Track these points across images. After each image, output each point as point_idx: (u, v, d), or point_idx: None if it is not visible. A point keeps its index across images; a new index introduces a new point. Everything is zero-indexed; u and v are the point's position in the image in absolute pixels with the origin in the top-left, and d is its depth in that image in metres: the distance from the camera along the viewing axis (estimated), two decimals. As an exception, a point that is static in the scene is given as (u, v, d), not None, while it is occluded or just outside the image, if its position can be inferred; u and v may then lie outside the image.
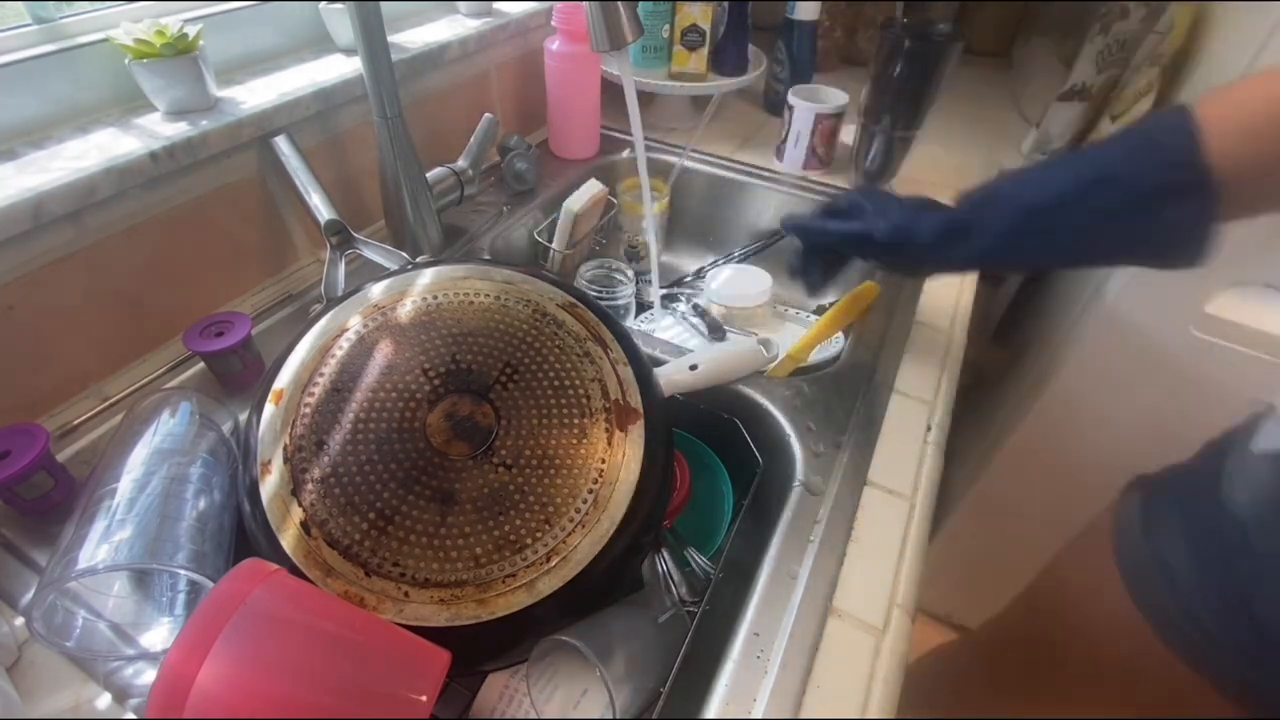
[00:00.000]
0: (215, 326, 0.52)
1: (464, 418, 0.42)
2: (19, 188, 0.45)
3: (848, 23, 1.15)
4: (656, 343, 0.62)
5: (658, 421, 0.45)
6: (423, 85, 0.74)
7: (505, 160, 0.80)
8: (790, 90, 0.84)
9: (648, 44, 0.91)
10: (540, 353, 0.45)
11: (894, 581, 0.43)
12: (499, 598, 0.38)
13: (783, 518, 0.46)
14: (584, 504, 0.41)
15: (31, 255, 0.47)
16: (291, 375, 0.42)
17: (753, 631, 0.40)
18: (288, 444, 0.40)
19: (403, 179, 0.64)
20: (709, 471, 0.61)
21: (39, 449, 0.42)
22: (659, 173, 0.86)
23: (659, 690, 0.42)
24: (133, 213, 0.52)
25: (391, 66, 0.58)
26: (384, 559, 0.37)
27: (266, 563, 0.35)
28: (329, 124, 0.65)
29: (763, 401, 0.55)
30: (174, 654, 0.29)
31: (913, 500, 0.48)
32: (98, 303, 0.52)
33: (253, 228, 0.62)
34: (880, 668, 0.39)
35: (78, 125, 0.53)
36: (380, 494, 0.39)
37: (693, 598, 0.48)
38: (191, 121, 0.55)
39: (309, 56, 0.68)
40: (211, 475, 0.42)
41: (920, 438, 0.52)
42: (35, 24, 0.53)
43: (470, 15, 0.82)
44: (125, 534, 0.35)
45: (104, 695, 0.37)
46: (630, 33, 0.58)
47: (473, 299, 0.47)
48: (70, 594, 0.38)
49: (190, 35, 0.54)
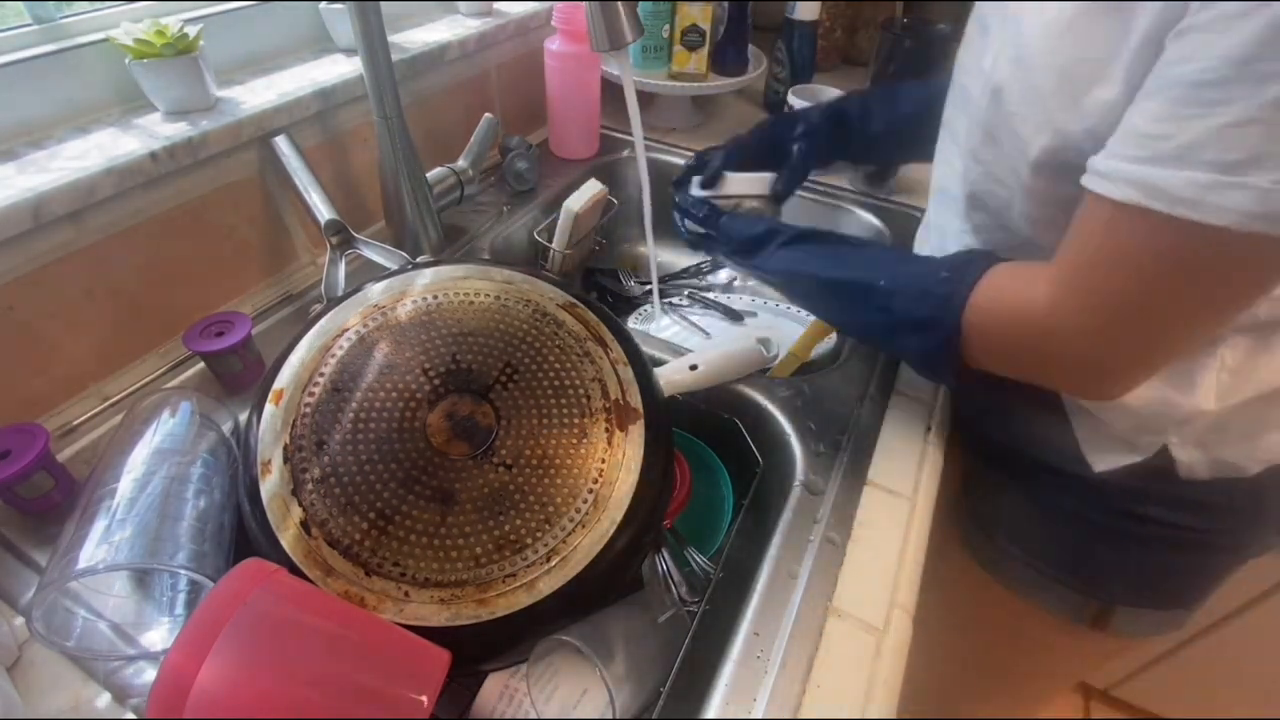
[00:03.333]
0: (215, 326, 0.52)
1: (464, 418, 0.42)
2: (19, 188, 0.45)
3: (848, 23, 1.15)
4: (656, 343, 0.62)
5: (658, 421, 0.45)
6: (423, 85, 0.74)
7: (505, 160, 0.80)
8: (790, 90, 0.84)
9: (648, 44, 0.91)
10: (540, 353, 0.45)
11: (894, 581, 0.43)
12: (499, 598, 0.38)
13: (783, 518, 0.46)
14: (584, 504, 0.41)
15: (31, 255, 0.47)
16: (291, 375, 0.42)
17: (753, 631, 0.40)
18: (288, 444, 0.40)
19: (403, 179, 0.64)
20: (709, 471, 0.61)
21: (39, 449, 0.42)
22: (660, 174, 0.86)
23: (659, 690, 0.42)
24: (133, 213, 0.52)
25: (391, 66, 0.58)
26: (384, 559, 0.37)
27: (266, 563, 0.35)
28: (329, 124, 0.65)
29: (763, 401, 0.55)
30: (174, 654, 0.29)
31: (913, 500, 0.48)
32: (98, 303, 0.52)
33: (253, 228, 0.62)
34: (880, 668, 0.39)
35: (78, 125, 0.53)
36: (380, 494, 0.39)
37: (693, 598, 0.48)
38: (191, 121, 0.55)
39: (309, 56, 0.68)
40: (211, 475, 0.42)
41: (920, 438, 0.52)
42: (35, 24, 0.53)
43: (470, 15, 0.82)
44: (125, 534, 0.35)
45: (104, 695, 0.37)
46: (630, 33, 0.58)
47: (473, 299, 0.47)
48: (70, 594, 0.38)
49: (190, 35, 0.54)
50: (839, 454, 0.50)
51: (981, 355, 0.41)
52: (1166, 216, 0.30)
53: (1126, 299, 0.34)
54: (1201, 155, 0.28)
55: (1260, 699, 1.05)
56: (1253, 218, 0.28)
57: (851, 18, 1.15)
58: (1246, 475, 0.43)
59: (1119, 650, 0.59)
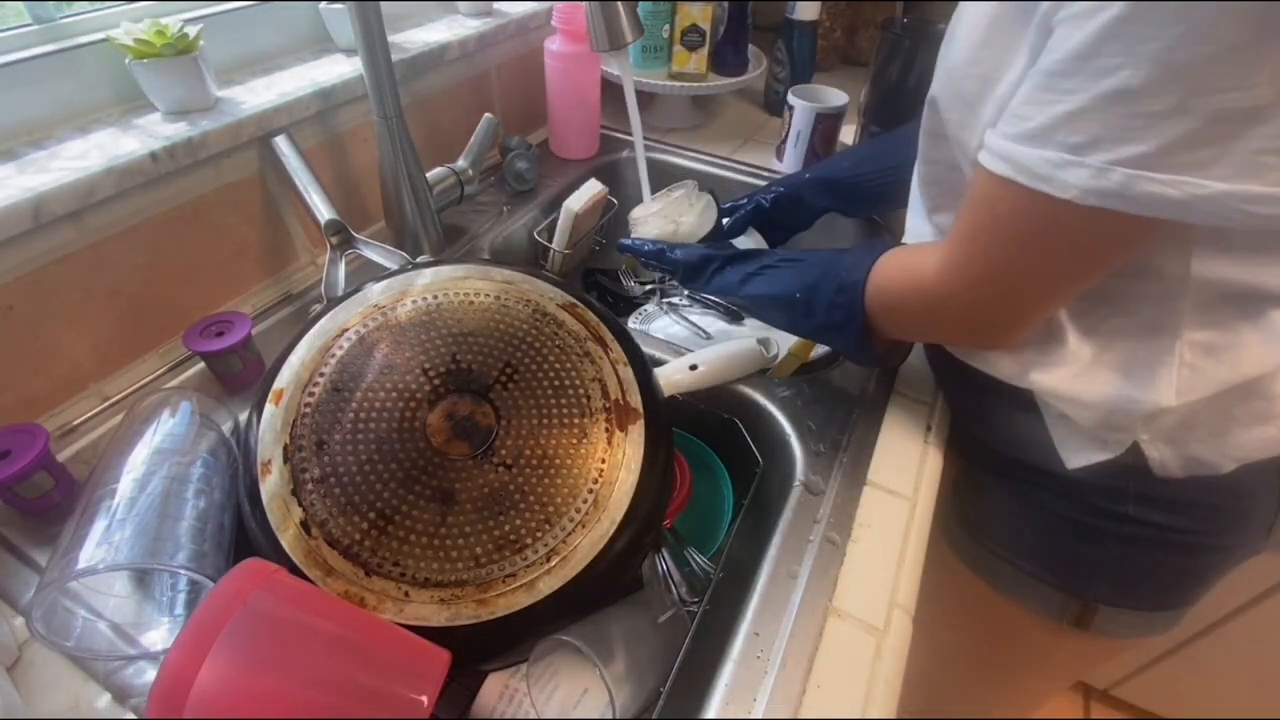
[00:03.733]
0: (215, 326, 0.52)
1: (464, 418, 0.42)
2: (19, 188, 0.45)
3: (848, 23, 1.15)
4: (656, 343, 0.62)
5: (658, 421, 0.45)
6: (423, 85, 0.74)
7: (505, 160, 0.80)
8: (790, 90, 0.84)
9: (648, 44, 0.91)
10: (540, 353, 0.45)
11: (894, 581, 0.43)
12: (499, 598, 0.38)
13: (783, 518, 0.46)
14: (584, 504, 0.41)
15: (32, 255, 0.47)
16: (291, 375, 0.42)
17: (753, 631, 0.40)
18: (288, 444, 0.40)
19: (403, 179, 0.64)
20: (709, 471, 0.61)
21: (39, 449, 0.42)
22: (659, 173, 0.86)
23: (659, 690, 0.42)
24: (133, 213, 0.52)
25: (391, 66, 0.58)
26: (384, 559, 0.37)
27: (267, 563, 0.35)
28: (329, 124, 0.65)
29: (763, 401, 0.55)
30: (174, 654, 0.29)
31: (913, 500, 0.48)
32: (98, 303, 0.52)
33: (253, 228, 0.62)
34: (881, 668, 0.39)
35: (78, 125, 0.53)
36: (380, 494, 0.39)
37: (693, 598, 0.48)
38: (191, 121, 0.55)
39: (309, 56, 0.68)
40: (211, 475, 0.42)
41: (920, 438, 0.52)
42: (35, 24, 0.53)
43: (470, 15, 0.82)
44: (125, 534, 0.35)
45: (104, 695, 0.37)
46: (630, 33, 0.58)
47: (473, 299, 0.47)
48: (70, 594, 0.38)
49: (190, 35, 0.54)
50: (839, 454, 0.50)
51: (887, 328, 0.46)
52: (1029, 190, 0.33)
53: (999, 265, 0.38)
54: (1054, 136, 0.32)
55: (1260, 699, 1.05)
56: (1089, 193, 0.31)
57: (851, 18, 1.15)
58: (1221, 473, 0.43)
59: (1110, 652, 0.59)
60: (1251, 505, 0.46)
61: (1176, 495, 0.45)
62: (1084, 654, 0.61)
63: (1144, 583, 0.51)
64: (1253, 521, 0.47)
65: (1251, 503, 0.46)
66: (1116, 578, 0.51)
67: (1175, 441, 0.42)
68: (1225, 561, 0.49)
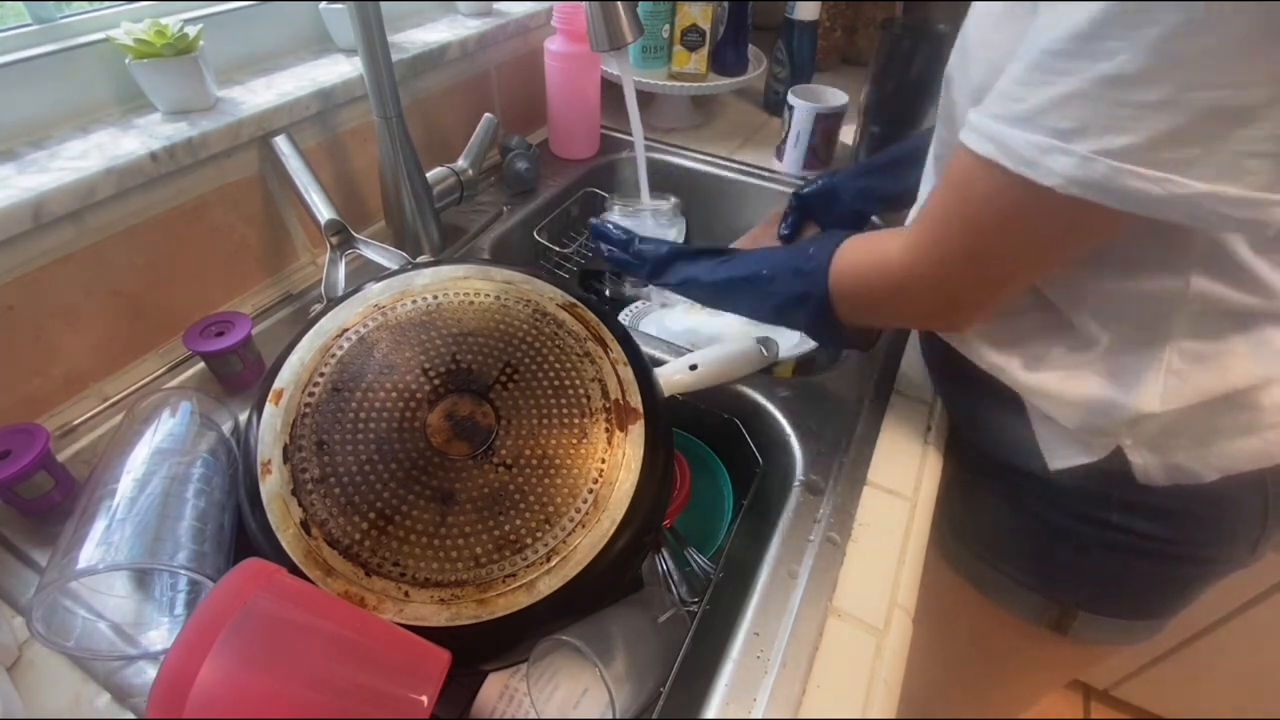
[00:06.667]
0: (215, 326, 0.52)
1: (464, 418, 0.42)
2: (19, 188, 0.45)
3: (847, 23, 1.15)
4: (656, 343, 0.62)
5: (658, 421, 0.45)
6: (423, 85, 0.74)
7: (505, 160, 0.80)
8: (790, 90, 0.84)
9: (648, 44, 0.91)
10: (540, 353, 0.45)
11: (894, 581, 0.43)
12: (499, 598, 0.38)
13: (783, 518, 0.46)
14: (584, 504, 0.41)
15: (32, 255, 0.47)
16: (291, 375, 0.42)
17: (753, 631, 0.40)
18: (288, 444, 0.40)
19: (403, 179, 0.64)
20: (709, 471, 0.61)
21: (39, 449, 0.42)
22: (658, 173, 0.86)
23: (659, 690, 0.42)
24: (133, 213, 0.52)
25: (391, 66, 0.59)
26: (384, 559, 0.37)
27: (267, 563, 0.35)
28: (329, 124, 0.65)
29: (763, 401, 0.55)
30: (174, 654, 0.29)
31: (913, 500, 0.48)
32: (98, 303, 0.52)
33: (253, 228, 0.62)
34: (881, 668, 0.39)
35: (78, 125, 0.53)
36: (380, 494, 0.39)
37: (693, 598, 0.48)
38: (191, 121, 0.55)
39: (309, 56, 0.68)
40: (211, 475, 0.42)
41: (920, 438, 0.52)
42: (35, 24, 0.53)
43: (470, 15, 0.82)
44: (125, 534, 0.35)
45: (104, 695, 0.37)
46: (630, 33, 0.58)
47: (473, 299, 0.47)
48: (70, 594, 0.38)
49: (190, 35, 0.54)
50: (839, 454, 0.50)
51: (851, 312, 0.46)
52: (1013, 173, 0.32)
53: (967, 247, 0.37)
54: (1044, 120, 0.31)
55: (1260, 699, 1.05)
56: (1071, 182, 0.30)
57: (851, 18, 1.15)
58: (1203, 482, 0.43)
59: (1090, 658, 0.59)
60: (1235, 517, 0.46)
61: (1159, 503, 0.45)
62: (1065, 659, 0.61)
63: (1123, 590, 0.51)
64: (1236, 534, 0.47)
65: (1235, 515, 0.46)
66: (1096, 584, 0.51)
67: (1159, 448, 0.42)
68: (1206, 574, 0.49)
